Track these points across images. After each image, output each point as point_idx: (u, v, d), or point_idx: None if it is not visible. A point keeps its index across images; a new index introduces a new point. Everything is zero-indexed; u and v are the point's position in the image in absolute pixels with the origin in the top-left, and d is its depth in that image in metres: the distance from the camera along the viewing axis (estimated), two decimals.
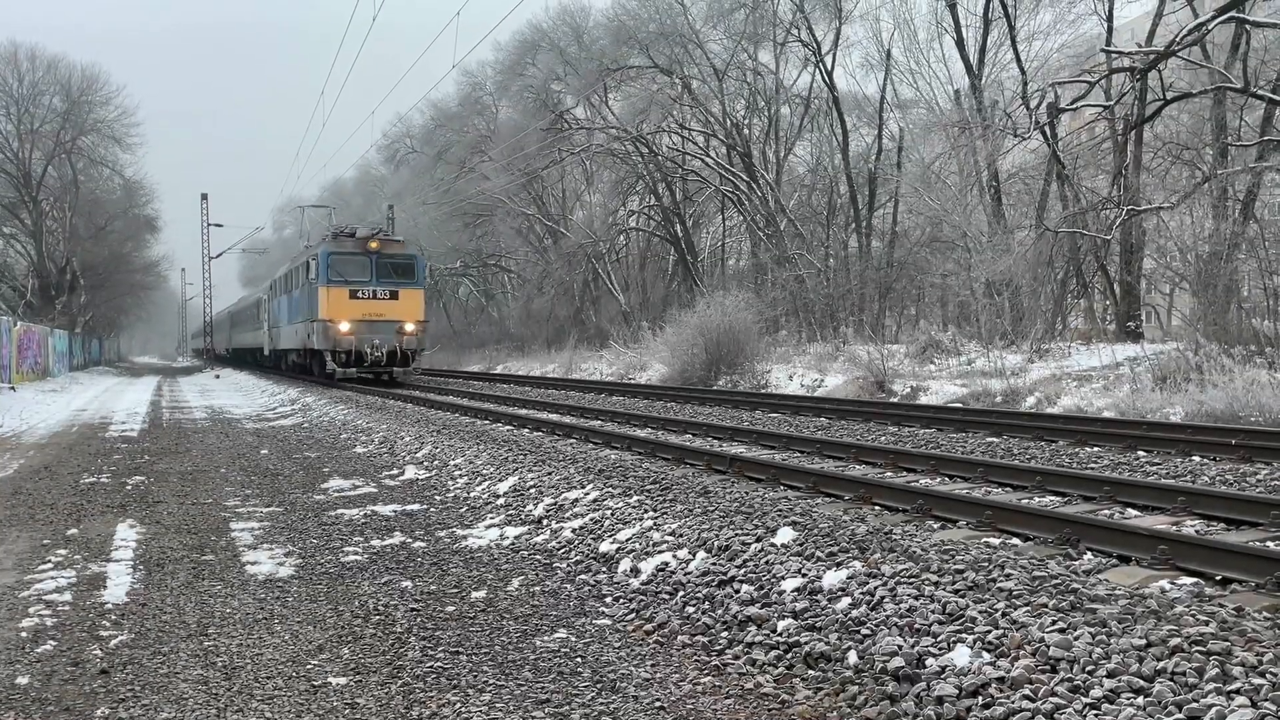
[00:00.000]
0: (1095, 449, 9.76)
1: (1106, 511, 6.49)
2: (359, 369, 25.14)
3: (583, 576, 6.01)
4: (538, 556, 6.58)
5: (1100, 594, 4.22)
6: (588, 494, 7.74)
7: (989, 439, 10.89)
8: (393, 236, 28.64)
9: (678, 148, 40.74)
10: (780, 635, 4.55)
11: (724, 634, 4.76)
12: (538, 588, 5.79)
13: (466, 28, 23.98)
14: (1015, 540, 5.67)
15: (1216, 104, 22.64)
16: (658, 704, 3.99)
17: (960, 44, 29.44)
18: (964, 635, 4.02)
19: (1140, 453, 9.38)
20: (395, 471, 10.66)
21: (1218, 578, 4.68)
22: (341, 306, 24.96)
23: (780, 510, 6.34)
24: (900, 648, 4.08)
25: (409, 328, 25.62)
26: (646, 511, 6.84)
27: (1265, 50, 22.92)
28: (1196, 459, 8.87)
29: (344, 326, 24.83)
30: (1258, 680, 3.33)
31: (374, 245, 25.54)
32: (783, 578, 5.08)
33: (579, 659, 4.53)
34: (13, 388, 29.32)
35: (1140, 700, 3.35)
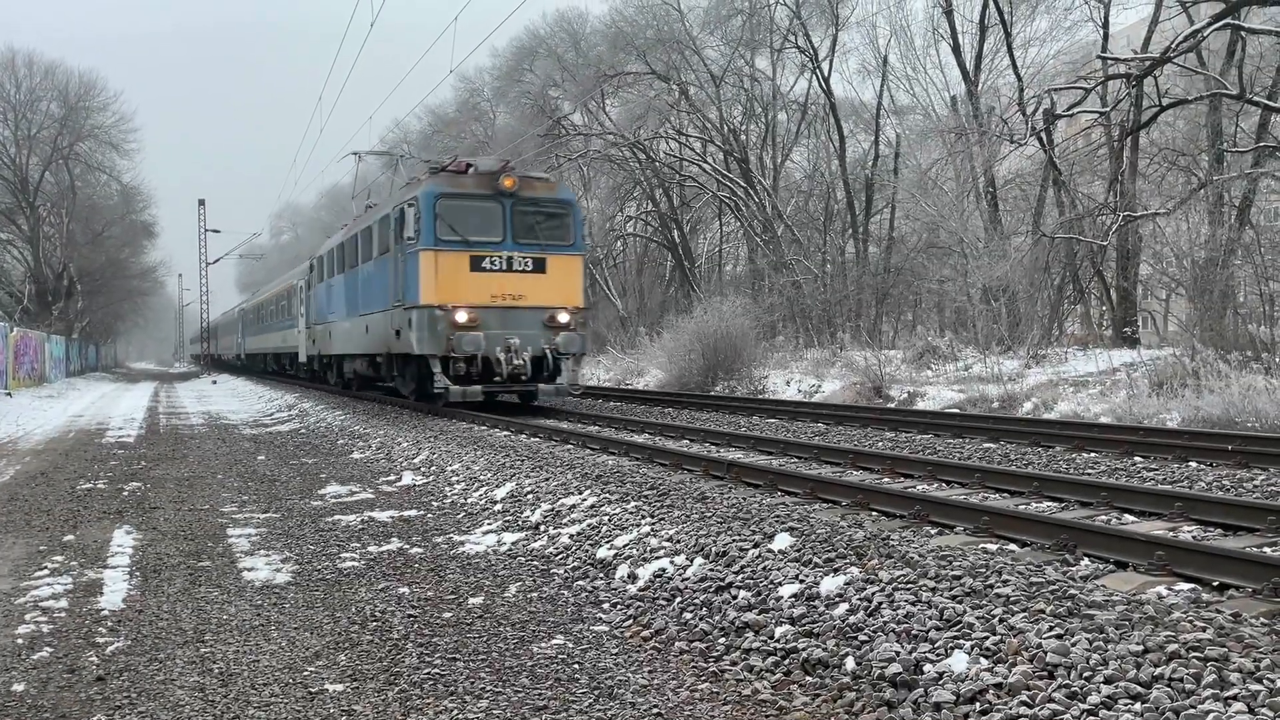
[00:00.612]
0: (1092, 454, 9.77)
1: (1103, 517, 6.50)
2: (486, 386, 15.74)
3: (580, 582, 6.00)
4: (535, 562, 6.58)
5: (1097, 600, 4.22)
6: (585, 500, 7.74)
7: (986, 444, 10.90)
8: (534, 173, 18.48)
9: (675, 153, 40.82)
10: (778, 641, 4.54)
11: (721, 640, 4.75)
12: (535, 594, 5.78)
13: (464, 32, 23.85)
14: (1012, 546, 5.68)
15: (1212, 110, 22.74)
16: (655, 710, 3.99)
17: (956, 50, 29.54)
18: (961, 641, 4.02)
19: (1137, 458, 9.39)
20: (392, 477, 10.65)
21: (1215, 583, 4.69)
22: (459, 283, 15.57)
23: (778, 516, 6.34)
24: (898, 654, 4.08)
25: (563, 318, 16.04)
26: (644, 517, 6.84)
27: (1261, 57, 23.03)
28: (1193, 464, 8.88)
29: (462, 316, 15.36)
30: (1255, 686, 3.33)
31: (508, 184, 15.91)
32: (780, 584, 5.07)
33: (576, 665, 4.52)
34: (9, 393, 29.28)
35: (1138, 706, 3.35)
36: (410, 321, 15.95)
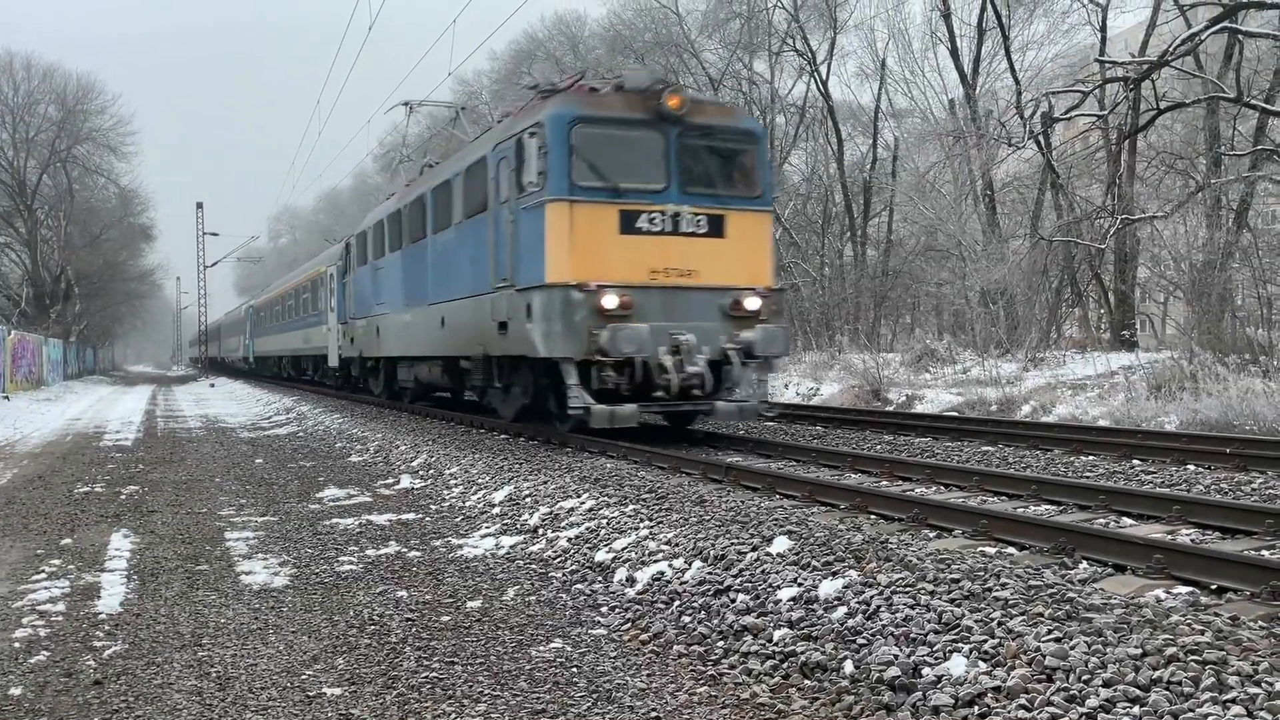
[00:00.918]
0: (1090, 458, 9.77)
1: (1102, 520, 6.49)
2: (643, 405, 10.75)
3: (578, 586, 6.00)
4: (533, 566, 6.57)
5: (1096, 603, 4.22)
6: (583, 503, 7.73)
7: (984, 448, 10.89)
8: (706, 96, 12.72)
9: None
10: (776, 645, 4.54)
11: (720, 643, 4.75)
12: (533, 597, 5.77)
13: (462, 35, 23.78)
14: (1011, 549, 5.67)
15: (1210, 114, 22.80)
16: (653, 714, 3.98)
17: (954, 54, 29.60)
18: (960, 644, 4.02)
19: (1135, 461, 9.39)
20: (391, 480, 10.65)
21: (1213, 586, 4.68)
22: (605, 250, 10.76)
23: (776, 519, 6.34)
24: (896, 657, 4.07)
25: (751, 304, 11.19)
26: (642, 521, 6.83)
27: (1258, 60, 23.10)
28: (1191, 468, 8.88)
29: (611, 300, 10.57)
30: (1253, 689, 3.33)
31: (673, 103, 11.02)
32: (778, 587, 5.07)
33: (575, 669, 4.52)
34: (7, 397, 29.26)
35: (1136, 710, 3.35)
36: (529, 309, 10.94)
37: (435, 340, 14.78)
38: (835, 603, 4.72)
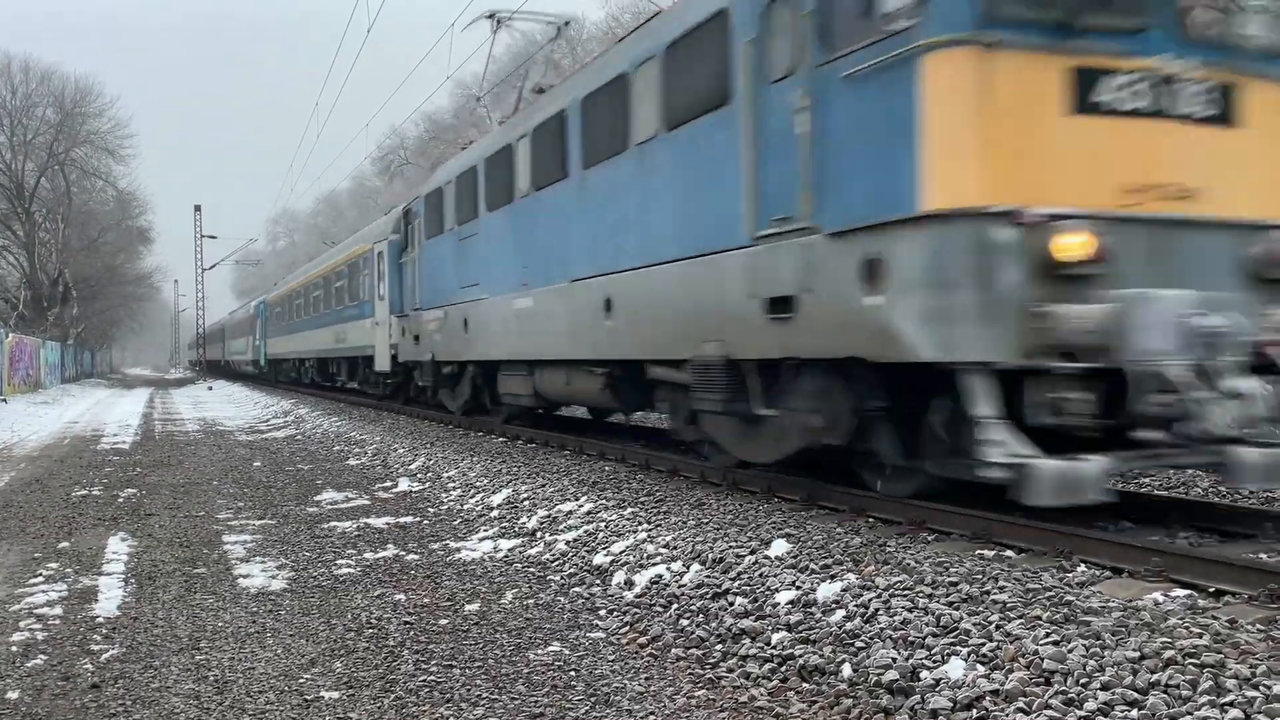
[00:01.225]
0: None
1: (1100, 523, 6.49)
2: (1120, 456, 5.37)
3: (576, 589, 5.99)
4: (531, 569, 6.57)
5: (1094, 606, 4.23)
6: (581, 506, 7.73)
7: None
8: None
9: None
10: (774, 648, 4.54)
11: (718, 647, 4.75)
12: (531, 600, 5.77)
13: (461, 37, 23.71)
14: (1009, 552, 5.67)
15: None
16: (651, 717, 3.98)
17: None
18: (958, 648, 4.02)
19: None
20: (389, 484, 10.64)
21: (1211, 590, 4.68)
22: (1042, 146, 5.34)
23: (774, 522, 6.34)
24: (894, 660, 4.07)
25: None
26: (640, 524, 6.83)
27: None
28: (1189, 470, 8.87)
29: (1075, 243, 5.18)
30: (1251, 693, 3.33)
31: None
32: (777, 590, 5.07)
33: (573, 672, 4.52)
34: (4, 399, 29.25)
35: (1134, 713, 3.35)
36: (874, 267, 5.92)
37: (587, 334, 9.85)
38: (833, 606, 4.72)
